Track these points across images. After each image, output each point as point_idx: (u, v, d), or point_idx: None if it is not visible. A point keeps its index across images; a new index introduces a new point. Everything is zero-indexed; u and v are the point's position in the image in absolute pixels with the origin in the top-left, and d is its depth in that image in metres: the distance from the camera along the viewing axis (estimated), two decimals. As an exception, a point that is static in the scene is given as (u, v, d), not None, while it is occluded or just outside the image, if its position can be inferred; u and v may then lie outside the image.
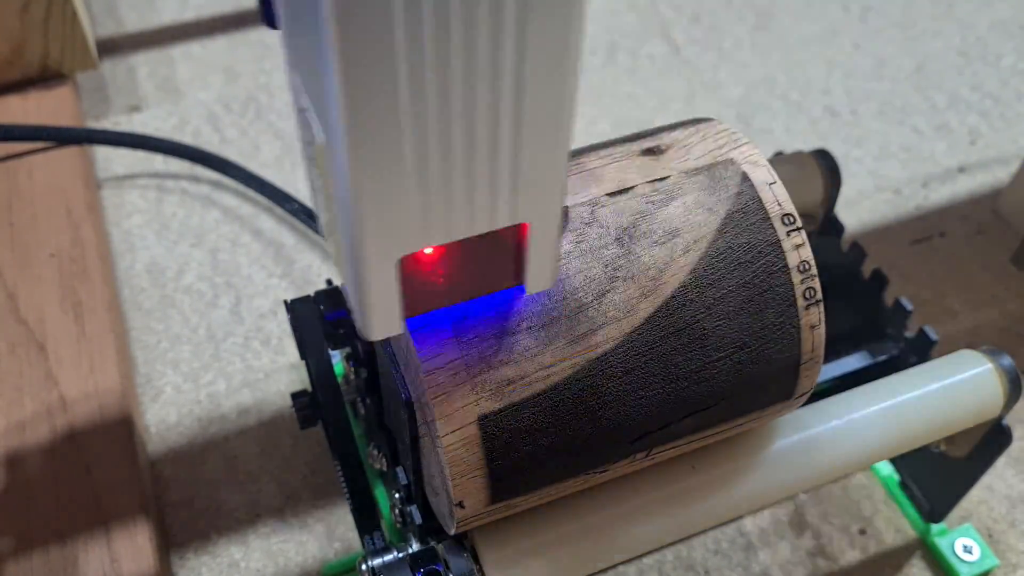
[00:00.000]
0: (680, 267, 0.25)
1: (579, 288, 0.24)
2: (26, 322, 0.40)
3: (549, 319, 0.24)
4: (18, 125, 0.46)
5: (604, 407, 0.24)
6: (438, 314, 0.23)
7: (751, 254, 0.25)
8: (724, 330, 0.25)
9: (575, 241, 0.24)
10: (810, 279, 0.26)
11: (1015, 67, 0.57)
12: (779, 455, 0.29)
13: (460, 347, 0.23)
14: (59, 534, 0.34)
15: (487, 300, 0.23)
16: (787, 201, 0.26)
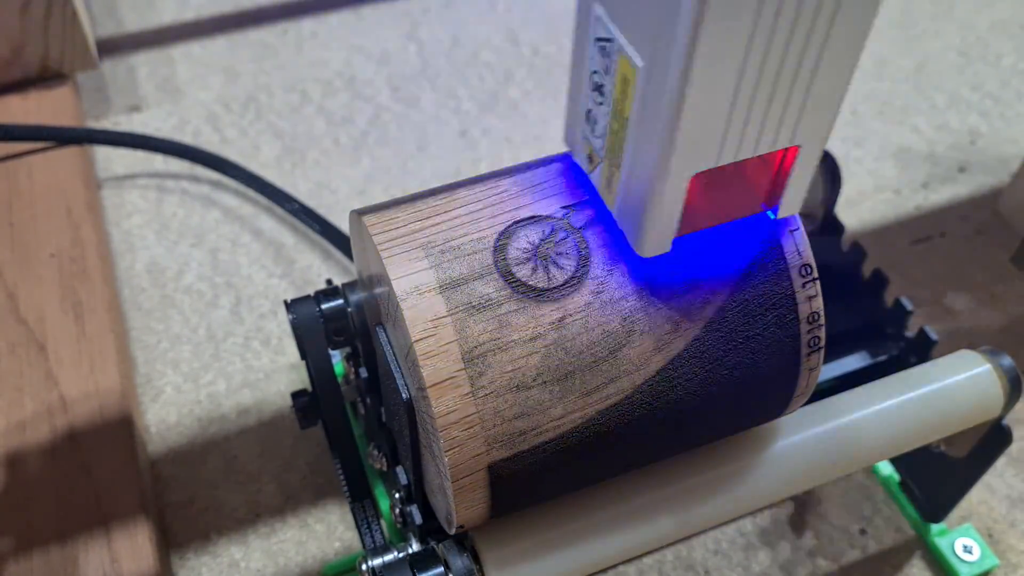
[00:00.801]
0: (696, 321, 0.25)
1: (596, 343, 0.24)
2: (26, 322, 0.40)
3: (564, 373, 0.24)
4: (18, 125, 0.46)
5: (609, 448, 0.25)
6: None
7: (765, 306, 0.25)
8: (729, 377, 0.26)
9: (595, 291, 0.24)
10: (817, 328, 0.26)
11: (1015, 67, 0.57)
12: (779, 455, 0.29)
13: (476, 403, 0.23)
14: (59, 534, 0.34)
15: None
16: (807, 250, 0.26)
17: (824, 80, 0.21)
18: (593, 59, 0.23)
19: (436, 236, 0.24)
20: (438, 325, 0.23)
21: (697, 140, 0.21)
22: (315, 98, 0.54)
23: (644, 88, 0.21)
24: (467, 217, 0.25)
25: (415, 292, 0.23)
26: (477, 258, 0.24)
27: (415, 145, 0.51)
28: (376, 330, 0.28)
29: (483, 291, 0.23)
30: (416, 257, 0.24)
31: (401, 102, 0.54)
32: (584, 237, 0.24)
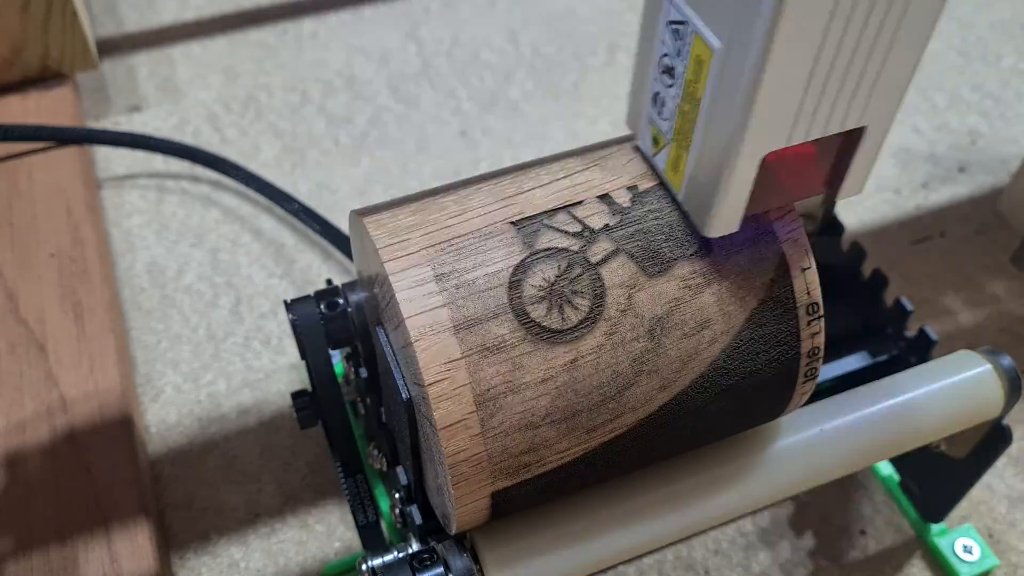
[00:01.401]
0: (703, 359, 0.25)
1: (605, 383, 0.24)
2: (26, 322, 0.40)
3: (572, 412, 0.24)
4: (18, 125, 0.46)
5: (609, 468, 0.26)
6: None
7: (770, 344, 0.26)
8: (729, 407, 0.26)
9: (608, 332, 0.24)
10: (815, 361, 0.27)
11: (1015, 67, 0.57)
12: (779, 455, 0.29)
13: (485, 443, 0.24)
14: (59, 534, 0.34)
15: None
16: (816, 288, 0.26)
17: (895, 59, 0.21)
18: (664, 42, 0.23)
19: (445, 257, 0.24)
20: (452, 368, 0.23)
21: (771, 120, 0.21)
22: (315, 98, 0.54)
23: (720, 70, 0.21)
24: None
25: (430, 331, 0.23)
26: (492, 295, 0.23)
27: (415, 145, 0.51)
28: (376, 330, 0.28)
29: (497, 332, 0.23)
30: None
31: (401, 102, 0.54)
32: (600, 274, 0.24)
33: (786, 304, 0.26)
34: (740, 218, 0.24)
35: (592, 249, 0.24)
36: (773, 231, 0.25)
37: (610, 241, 0.24)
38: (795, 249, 0.26)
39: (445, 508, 0.26)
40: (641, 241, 0.25)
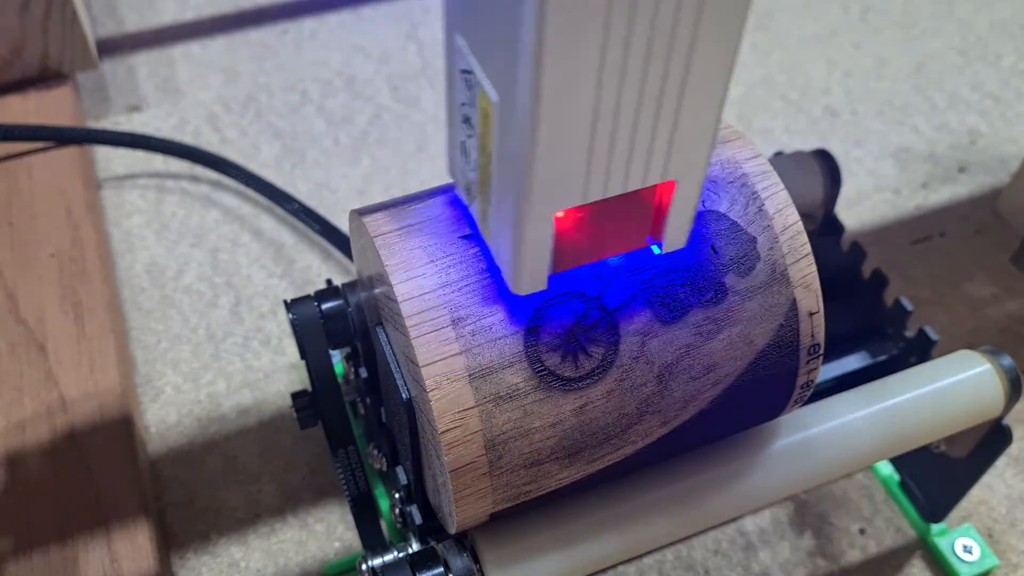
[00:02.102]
0: (704, 399, 0.26)
1: (611, 424, 0.25)
2: (26, 322, 0.40)
3: (576, 449, 0.25)
4: (18, 125, 0.46)
5: (606, 482, 0.27)
6: None
7: (769, 384, 0.27)
8: (722, 432, 0.28)
9: (619, 379, 0.24)
10: (807, 390, 0.27)
11: (1015, 67, 0.57)
12: (779, 455, 0.29)
13: (491, 480, 0.24)
14: (59, 534, 0.34)
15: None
16: (820, 331, 0.26)
17: (689, 115, 0.20)
18: (460, 90, 0.22)
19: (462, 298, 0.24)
20: (465, 416, 0.23)
21: (557, 177, 0.20)
22: (315, 98, 0.54)
23: (500, 123, 0.20)
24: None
25: (445, 380, 0.23)
26: (508, 343, 0.24)
27: (415, 145, 0.51)
28: (376, 330, 0.28)
29: (512, 381, 0.24)
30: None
31: (401, 102, 0.54)
32: (616, 322, 0.24)
33: (790, 347, 0.26)
34: (546, 276, 0.22)
35: (610, 295, 0.24)
36: (788, 276, 0.26)
37: (628, 286, 0.24)
38: (807, 294, 0.26)
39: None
40: (659, 287, 0.25)
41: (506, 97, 0.19)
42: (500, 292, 0.24)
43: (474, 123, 0.22)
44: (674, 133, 0.20)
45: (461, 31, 0.21)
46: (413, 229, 0.25)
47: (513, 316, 0.24)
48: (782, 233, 0.26)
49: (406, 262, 0.24)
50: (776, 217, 0.26)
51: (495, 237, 0.23)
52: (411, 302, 0.23)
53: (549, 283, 0.23)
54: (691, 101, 0.20)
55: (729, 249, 0.25)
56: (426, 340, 0.23)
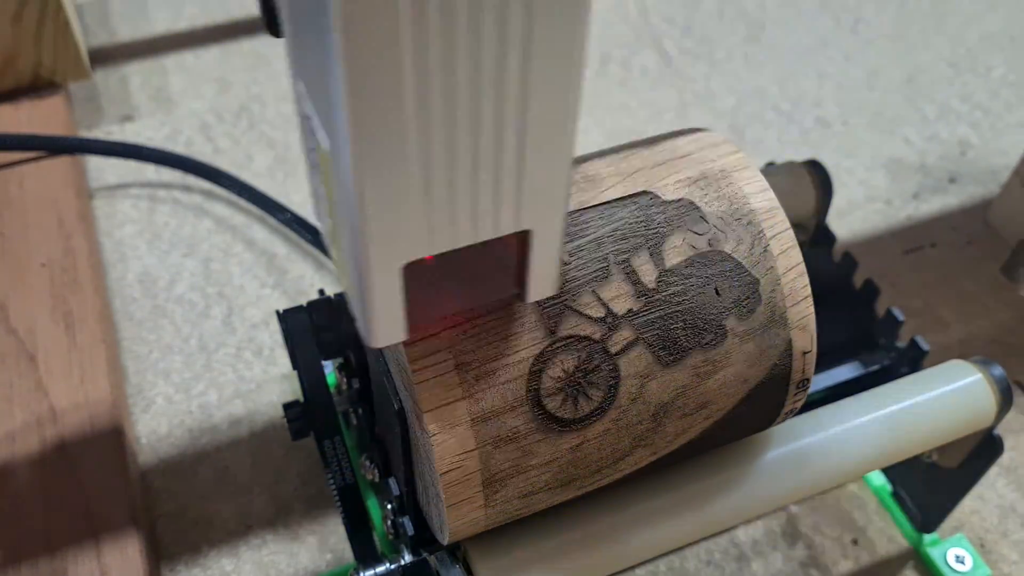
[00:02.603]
0: (695, 431, 0.26)
1: (604, 458, 0.25)
2: (16, 332, 0.40)
3: (568, 480, 0.25)
4: (9, 134, 0.46)
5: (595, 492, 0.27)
6: None
7: (756, 413, 0.27)
8: (705, 451, 0.29)
9: (615, 419, 0.25)
10: (791, 414, 0.29)
11: (1005, 78, 0.57)
12: (772, 465, 0.29)
13: (487, 512, 0.25)
14: (49, 545, 0.34)
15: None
16: (811, 366, 0.27)
17: (533, 161, 0.19)
18: (307, 135, 0.21)
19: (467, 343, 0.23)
20: (465, 458, 0.24)
21: (396, 226, 0.18)
22: (308, 108, 0.54)
23: (334, 172, 0.19)
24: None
25: (448, 425, 0.23)
26: (511, 388, 0.24)
27: (408, 155, 0.51)
28: (368, 341, 0.28)
29: (512, 424, 0.24)
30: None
31: (394, 112, 0.54)
32: (617, 365, 0.24)
33: (781, 383, 0.27)
34: (403, 327, 0.21)
35: (613, 338, 0.24)
36: (786, 318, 0.26)
37: (631, 329, 0.24)
38: (802, 335, 0.26)
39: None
40: (660, 329, 0.25)
41: (333, 144, 0.18)
42: (504, 330, 0.24)
43: (320, 171, 0.21)
44: (520, 181, 0.19)
45: (300, 76, 0.20)
46: None
47: (517, 361, 0.24)
48: (784, 275, 0.26)
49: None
50: (780, 258, 0.26)
51: (349, 287, 0.22)
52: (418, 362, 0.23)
53: (554, 326, 0.23)
54: (534, 146, 0.18)
55: (732, 291, 0.25)
56: (430, 386, 0.23)
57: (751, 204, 0.26)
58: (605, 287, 0.24)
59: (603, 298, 0.24)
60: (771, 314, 0.26)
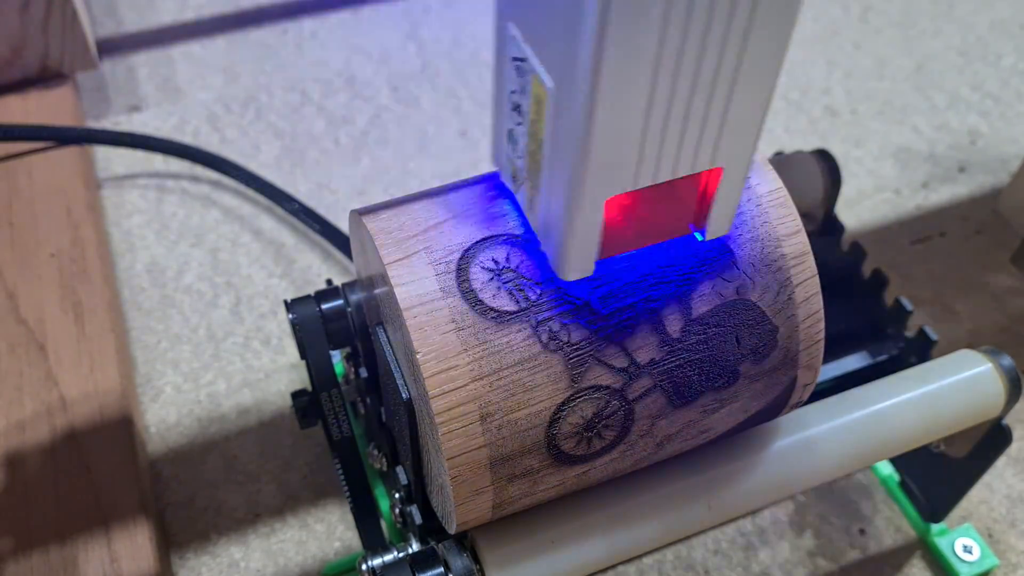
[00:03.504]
0: (689, 447, 0.27)
1: (606, 476, 0.27)
2: (26, 322, 0.40)
3: (571, 493, 0.27)
4: (18, 125, 0.46)
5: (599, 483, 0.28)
6: None
7: (747, 429, 0.29)
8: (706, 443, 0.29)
9: (623, 451, 0.26)
10: (797, 407, 0.29)
11: (1015, 67, 0.57)
12: (779, 455, 0.29)
13: (492, 516, 0.25)
14: (59, 534, 0.34)
15: None
16: (808, 393, 0.28)
17: (740, 102, 0.20)
18: (511, 78, 0.22)
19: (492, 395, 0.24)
20: (480, 493, 0.25)
21: (610, 163, 0.20)
22: (315, 98, 0.54)
23: (555, 110, 0.20)
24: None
25: (467, 470, 0.24)
26: (531, 435, 0.24)
27: (415, 145, 0.51)
28: (376, 330, 0.28)
29: (528, 464, 0.25)
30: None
31: (401, 102, 0.54)
32: (634, 409, 0.25)
33: (777, 408, 0.28)
34: (593, 261, 0.23)
35: (633, 387, 0.25)
36: (797, 360, 0.26)
37: (651, 378, 0.25)
38: (808, 373, 0.27)
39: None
40: (678, 377, 0.25)
41: (563, 84, 0.19)
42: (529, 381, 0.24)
43: (524, 111, 0.22)
44: (725, 119, 0.21)
45: (514, 20, 0.21)
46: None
47: (539, 411, 0.24)
48: (803, 322, 0.26)
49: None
50: (802, 305, 0.26)
51: (543, 224, 0.23)
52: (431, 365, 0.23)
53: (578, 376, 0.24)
54: (743, 88, 0.20)
55: (752, 339, 0.26)
56: (453, 436, 0.23)
57: (783, 248, 0.26)
58: (632, 338, 0.24)
59: (628, 349, 0.24)
60: (784, 357, 0.26)
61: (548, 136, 0.21)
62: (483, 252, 0.24)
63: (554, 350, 0.24)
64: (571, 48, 0.18)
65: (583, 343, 0.24)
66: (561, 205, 0.21)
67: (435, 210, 0.25)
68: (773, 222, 0.26)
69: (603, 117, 0.19)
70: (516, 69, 0.22)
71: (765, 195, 0.26)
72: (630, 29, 0.18)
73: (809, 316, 0.26)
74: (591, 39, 0.18)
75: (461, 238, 0.24)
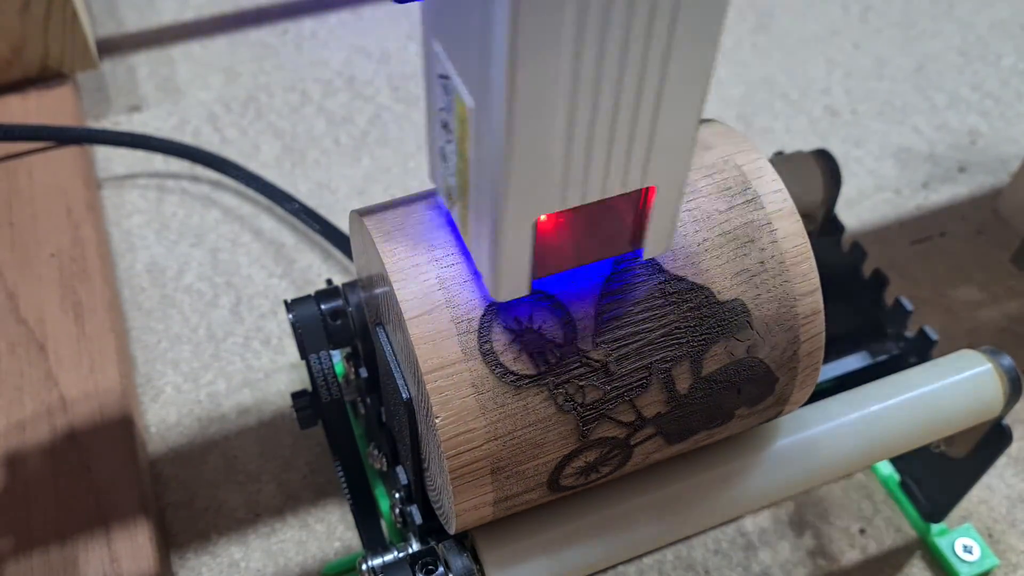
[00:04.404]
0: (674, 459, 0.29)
1: (599, 489, 0.28)
2: (26, 322, 0.40)
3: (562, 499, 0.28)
4: (18, 125, 0.46)
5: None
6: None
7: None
8: None
9: (617, 478, 0.27)
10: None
11: (1015, 67, 0.57)
12: (779, 455, 0.29)
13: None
14: (59, 534, 0.34)
15: None
16: (792, 410, 0.29)
17: (668, 120, 0.20)
18: (438, 96, 0.22)
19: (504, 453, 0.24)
20: (481, 519, 0.26)
21: (535, 182, 0.20)
22: (315, 98, 0.54)
23: (476, 129, 0.20)
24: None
25: (473, 511, 0.25)
26: (535, 479, 0.25)
27: (415, 145, 0.51)
28: (376, 330, 0.28)
29: (529, 498, 0.26)
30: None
31: (401, 102, 0.54)
32: (633, 451, 0.26)
33: (772, 419, 0.28)
34: (527, 282, 0.22)
35: (636, 435, 0.25)
36: (788, 399, 0.27)
37: (654, 427, 0.25)
38: (795, 406, 0.28)
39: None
40: (679, 424, 0.26)
41: (481, 102, 0.19)
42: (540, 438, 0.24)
43: (451, 128, 0.22)
44: (653, 137, 0.20)
45: (437, 36, 0.21)
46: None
47: (546, 462, 0.25)
48: (803, 371, 0.27)
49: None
50: (804, 358, 0.26)
51: (475, 243, 0.23)
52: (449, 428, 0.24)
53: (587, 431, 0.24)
54: (670, 105, 0.20)
55: (752, 390, 0.26)
56: (465, 488, 0.24)
57: (797, 308, 0.26)
58: (642, 396, 0.25)
59: (637, 406, 0.25)
60: (777, 399, 0.27)
61: (472, 155, 0.21)
62: (505, 310, 0.24)
63: (568, 411, 0.24)
64: (485, 66, 0.18)
65: (596, 403, 0.24)
66: (489, 225, 0.21)
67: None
68: (793, 280, 0.26)
69: (522, 136, 0.19)
70: (442, 87, 0.21)
71: (789, 251, 0.26)
72: (543, 46, 0.17)
73: (809, 366, 0.27)
74: (504, 56, 0.17)
75: (483, 291, 0.24)
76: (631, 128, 0.20)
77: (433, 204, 0.26)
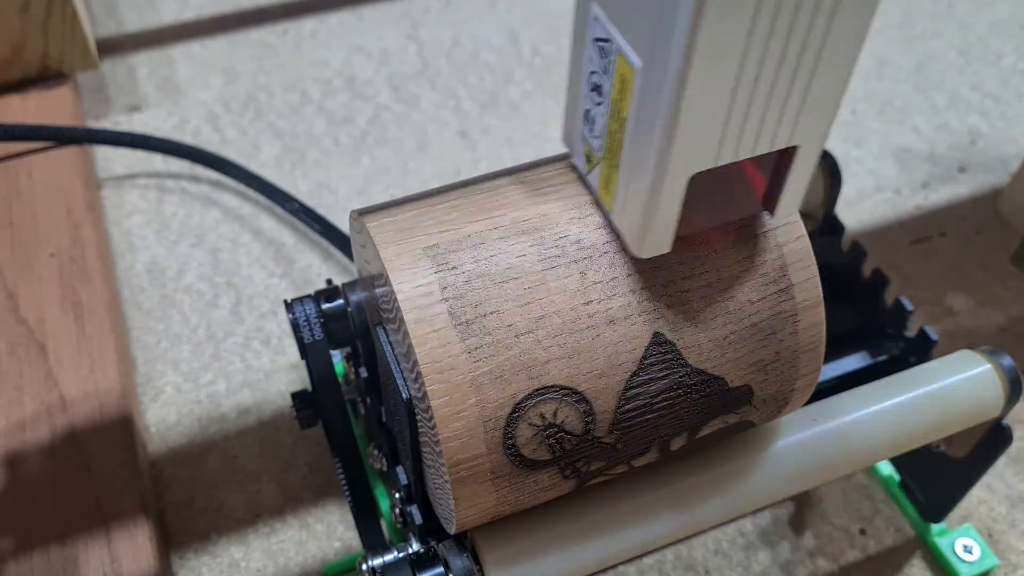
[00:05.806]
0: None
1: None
2: (26, 322, 0.40)
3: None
4: (18, 125, 0.46)
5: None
6: None
7: None
8: None
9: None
10: None
11: (1015, 67, 0.57)
12: (779, 455, 0.29)
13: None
14: (59, 534, 0.34)
15: None
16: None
17: (823, 80, 0.21)
18: (592, 59, 0.23)
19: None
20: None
21: (695, 140, 0.21)
22: (315, 98, 0.54)
23: (642, 88, 0.21)
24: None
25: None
26: (543, 488, 0.26)
27: (415, 145, 0.51)
28: (376, 330, 0.28)
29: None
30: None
31: (401, 102, 0.54)
32: (619, 479, 0.27)
33: (772, 419, 0.29)
34: (671, 239, 0.23)
35: (626, 475, 0.27)
36: (786, 403, 0.28)
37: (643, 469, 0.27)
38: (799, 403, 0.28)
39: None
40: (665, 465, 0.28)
41: (652, 63, 0.20)
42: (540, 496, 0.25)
43: (606, 91, 0.23)
44: (806, 97, 0.21)
45: (598, 1, 0.22)
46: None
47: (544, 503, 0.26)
48: (782, 413, 0.28)
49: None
50: (786, 411, 0.28)
51: (622, 203, 0.24)
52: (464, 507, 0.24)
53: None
54: (826, 66, 0.21)
55: (734, 437, 0.28)
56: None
57: (796, 384, 0.27)
58: (640, 459, 0.26)
59: (634, 465, 0.26)
60: (777, 402, 0.27)
61: (632, 114, 0.22)
62: (533, 408, 0.24)
63: (571, 478, 0.25)
64: (664, 27, 0.19)
65: (598, 470, 0.26)
66: (644, 182, 0.22)
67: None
68: (800, 366, 0.26)
69: (692, 95, 0.20)
70: (599, 50, 0.22)
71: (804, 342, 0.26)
72: (726, 9, 0.18)
73: (789, 410, 0.28)
74: (688, 17, 0.18)
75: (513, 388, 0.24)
76: (790, 85, 0.21)
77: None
